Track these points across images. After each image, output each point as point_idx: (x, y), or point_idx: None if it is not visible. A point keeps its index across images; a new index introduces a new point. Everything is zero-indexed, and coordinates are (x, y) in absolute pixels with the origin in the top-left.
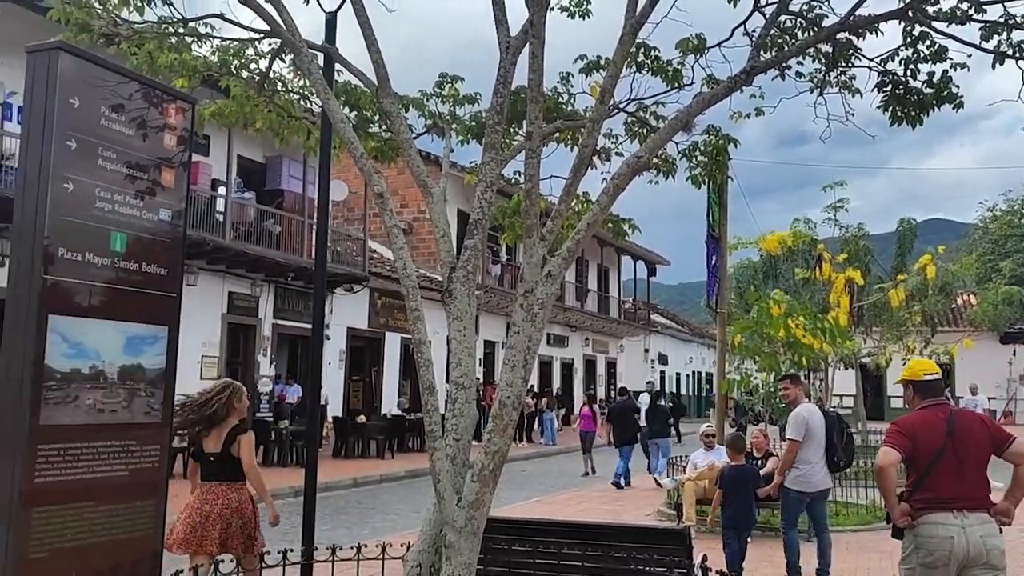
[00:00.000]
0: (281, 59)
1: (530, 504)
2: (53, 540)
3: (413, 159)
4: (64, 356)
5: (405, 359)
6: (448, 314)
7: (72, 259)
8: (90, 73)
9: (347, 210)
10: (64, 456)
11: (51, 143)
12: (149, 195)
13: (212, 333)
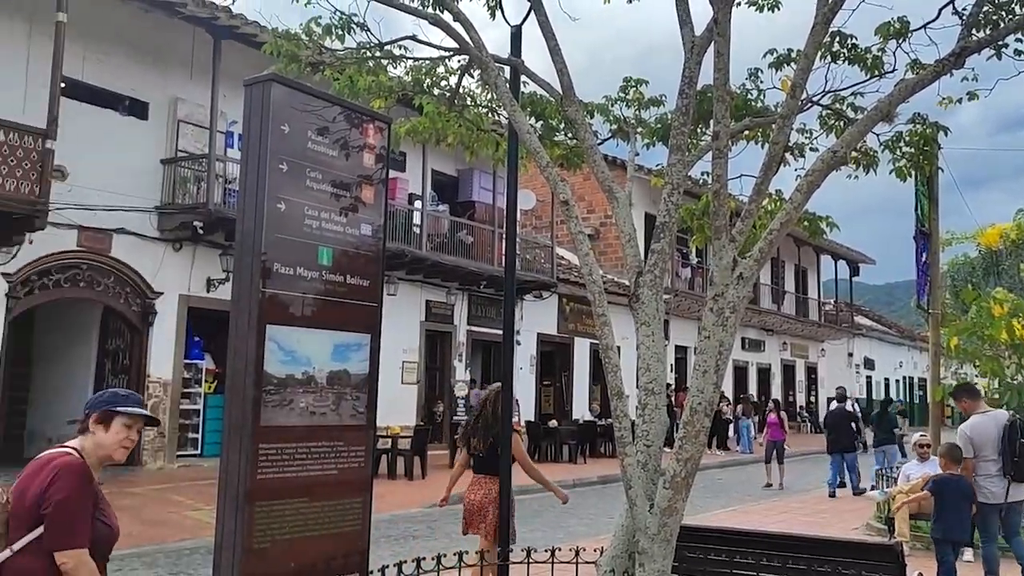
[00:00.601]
0: (470, 75)
1: (727, 513)
2: (274, 532)
3: (598, 165)
4: (280, 362)
5: (594, 364)
6: (636, 319)
7: (285, 273)
8: (298, 100)
9: (535, 218)
10: (282, 455)
11: (266, 167)
12: (352, 211)
13: (412, 340)
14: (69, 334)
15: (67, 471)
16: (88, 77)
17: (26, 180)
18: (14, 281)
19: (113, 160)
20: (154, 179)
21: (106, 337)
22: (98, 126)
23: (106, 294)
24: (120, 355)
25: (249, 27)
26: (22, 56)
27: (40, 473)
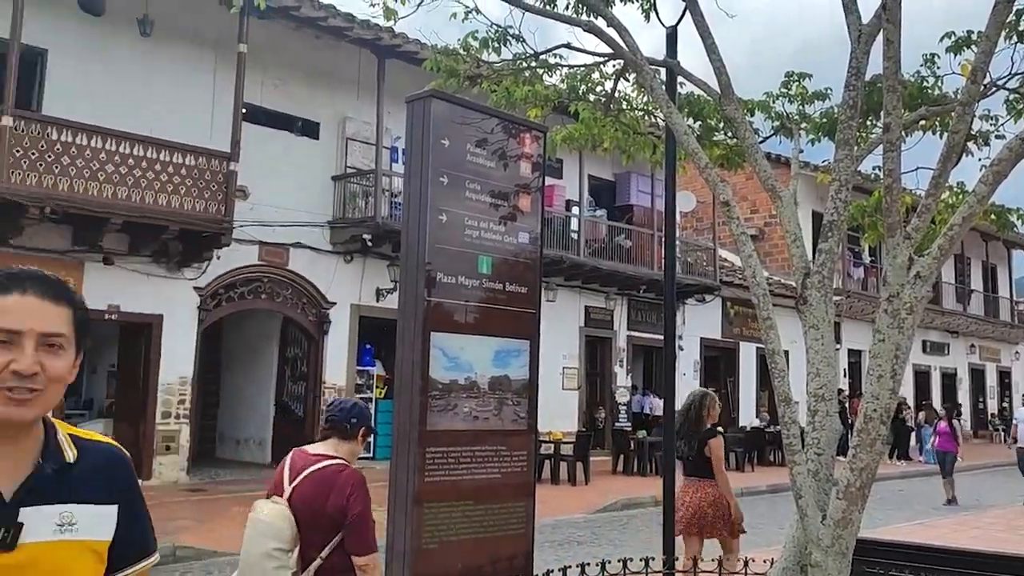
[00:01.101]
0: (625, 79)
1: (911, 527)
2: (441, 534)
3: (759, 164)
4: (444, 368)
5: (761, 369)
6: (804, 322)
7: (448, 282)
8: (457, 114)
9: (696, 220)
10: (447, 459)
11: (427, 180)
12: (509, 220)
13: (571, 345)
14: (253, 343)
15: (360, 485)
16: (265, 102)
17: (213, 200)
18: (204, 294)
19: (289, 178)
20: (326, 195)
21: (285, 345)
22: (275, 147)
23: (285, 305)
24: (298, 362)
25: (410, 45)
26: (209, 85)
27: (333, 486)
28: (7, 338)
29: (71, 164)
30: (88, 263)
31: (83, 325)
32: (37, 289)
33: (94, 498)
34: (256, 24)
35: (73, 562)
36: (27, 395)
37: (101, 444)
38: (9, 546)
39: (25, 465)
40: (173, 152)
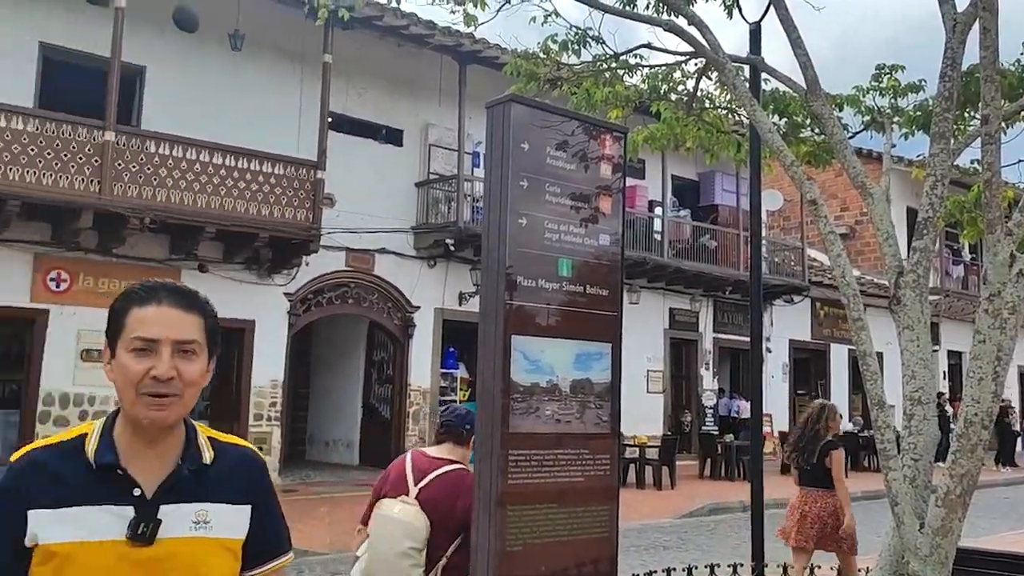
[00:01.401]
0: (707, 77)
1: (1016, 536)
2: (525, 536)
3: (849, 160)
4: (525, 371)
5: (853, 372)
6: (897, 323)
7: (528, 285)
8: (537, 118)
9: (783, 219)
10: (530, 461)
11: (507, 184)
12: (590, 222)
13: (656, 348)
14: (340, 347)
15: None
16: (350, 110)
17: (301, 208)
18: (294, 300)
19: (374, 185)
20: (409, 201)
21: (372, 349)
22: (360, 155)
23: (371, 309)
24: (384, 365)
25: (491, 50)
26: (296, 96)
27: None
28: (146, 346)
29: (168, 176)
30: (184, 271)
31: (213, 332)
32: (171, 300)
33: (229, 498)
34: (340, 35)
35: (208, 558)
36: (166, 400)
37: (237, 447)
38: (148, 540)
39: (167, 465)
40: (263, 162)
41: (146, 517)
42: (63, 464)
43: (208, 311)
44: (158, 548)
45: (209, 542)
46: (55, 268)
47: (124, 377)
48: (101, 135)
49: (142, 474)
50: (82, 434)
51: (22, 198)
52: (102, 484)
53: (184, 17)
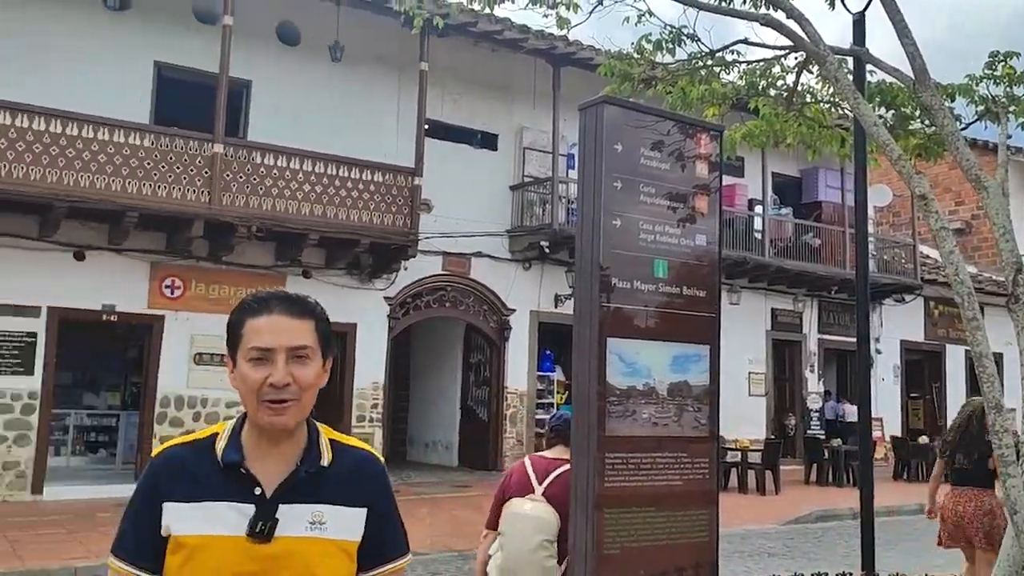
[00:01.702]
0: (808, 71)
1: None
2: (623, 540)
3: (961, 152)
4: (621, 374)
5: (970, 373)
6: (1016, 322)
7: (623, 287)
8: (630, 119)
9: (892, 215)
10: (627, 464)
11: (601, 186)
12: (686, 223)
13: (757, 350)
14: (438, 350)
15: None
16: (446, 116)
17: (400, 214)
18: (393, 304)
19: (469, 190)
20: (505, 205)
21: (469, 351)
22: (456, 160)
23: (467, 312)
24: (481, 368)
25: (584, 52)
26: (393, 104)
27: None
28: (262, 355)
29: (273, 185)
30: (289, 277)
31: (326, 334)
32: (282, 308)
33: (345, 500)
34: (436, 42)
35: (322, 558)
36: (285, 404)
37: (357, 450)
38: (266, 538)
39: (287, 466)
40: (362, 170)
41: (264, 516)
42: (196, 461)
43: (319, 315)
44: (275, 546)
45: (324, 543)
46: (170, 275)
47: (245, 386)
48: (210, 148)
49: (264, 474)
50: (214, 433)
51: (139, 210)
52: (228, 482)
53: (203, 9)
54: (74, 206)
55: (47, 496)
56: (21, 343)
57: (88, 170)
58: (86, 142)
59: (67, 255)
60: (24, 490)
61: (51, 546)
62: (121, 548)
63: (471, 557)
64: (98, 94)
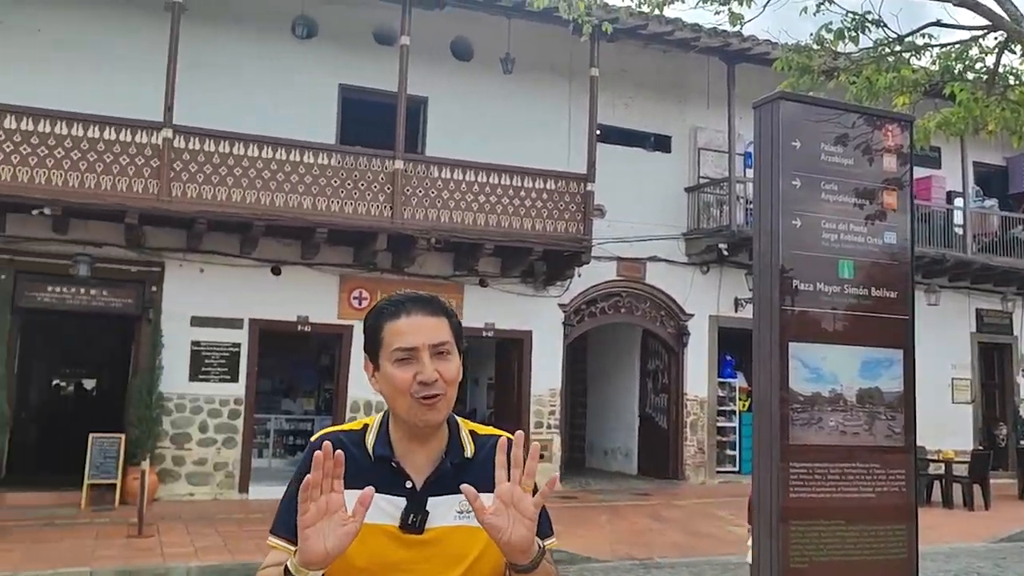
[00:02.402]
0: (1010, 51)
1: None
2: (811, 554)
3: None
4: (805, 380)
5: None
6: None
7: (805, 289)
8: (809, 114)
9: None
10: (813, 475)
11: (778, 185)
12: (874, 220)
13: (961, 354)
14: (614, 356)
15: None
16: (617, 121)
17: (572, 221)
18: (568, 310)
19: (643, 194)
20: (680, 207)
21: (646, 357)
22: (628, 164)
23: (644, 318)
24: (659, 374)
25: (760, 47)
26: (564, 111)
27: None
28: (407, 355)
29: (450, 198)
30: (467, 285)
31: (458, 330)
32: (418, 308)
33: (488, 486)
34: (605, 47)
35: (473, 544)
36: (435, 400)
37: (496, 437)
38: (419, 530)
39: (433, 460)
40: (535, 178)
41: (416, 508)
42: (353, 450)
43: (450, 312)
44: (428, 536)
45: (473, 530)
46: (357, 287)
47: (393, 387)
48: (392, 164)
49: (412, 468)
50: (365, 425)
51: (328, 226)
52: (381, 473)
53: (382, 31)
54: (271, 224)
55: (252, 495)
56: (227, 353)
57: (282, 190)
58: (279, 164)
59: (265, 270)
60: (232, 489)
61: (257, 541)
62: (279, 526)
63: (652, 566)
64: (289, 118)
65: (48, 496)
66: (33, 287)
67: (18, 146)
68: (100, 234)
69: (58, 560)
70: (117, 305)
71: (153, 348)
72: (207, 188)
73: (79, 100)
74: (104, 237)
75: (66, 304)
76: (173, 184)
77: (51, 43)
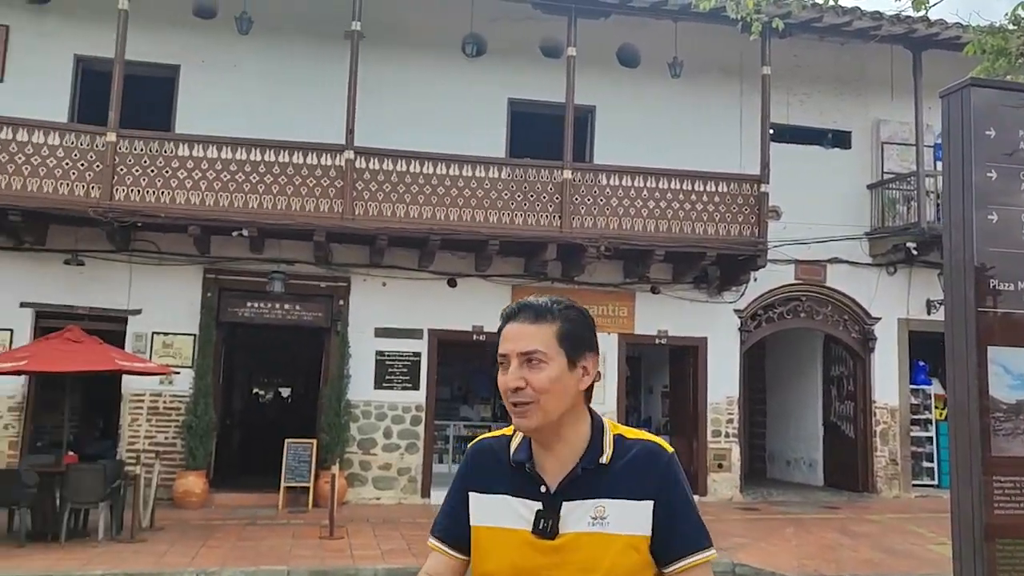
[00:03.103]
0: None
1: None
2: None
3: None
4: (1008, 387)
5: None
6: None
7: (1005, 289)
8: (1005, 100)
9: None
10: (1020, 490)
11: (971, 178)
12: None
13: None
14: (794, 362)
15: None
16: (792, 119)
17: (746, 224)
18: (743, 316)
19: (821, 193)
20: (861, 206)
21: (829, 364)
22: (804, 163)
23: (825, 322)
24: (844, 381)
25: (949, 31)
26: (735, 112)
27: None
28: (502, 361)
29: (619, 205)
30: (638, 293)
31: (568, 336)
32: (523, 316)
33: (628, 494)
34: (777, 43)
35: (607, 552)
36: (524, 407)
37: (642, 442)
38: (551, 535)
39: (567, 464)
40: (706, 182)
41: (548, 513)
42: (498, 455)
43: (564, 318)
44: (560, 541)
45: (608, 537)
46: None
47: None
48: (560, 174)
49: (547, 473)
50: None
51: (500, 238)
52: (517, 478)
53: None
54: (446, 238)
55: (433, 499)
56: (409, 362)
57: (456, 205)
58: (453, 179)
59: (442, 282)
60: (415, 493)
61: None
62: (436, 526)
63: None
64: (460, 134)
65: (250, 497)
66: (234, 303)
67: (219, 174)
68: (292, 252)
69: (259, 558)
70: (308, 318)
71: (341, 358)
72: (387, 206)
73: (269, 127)
74: (295, 255)
75: (263, 318)
76: (356, 203)
77: (244, 76)
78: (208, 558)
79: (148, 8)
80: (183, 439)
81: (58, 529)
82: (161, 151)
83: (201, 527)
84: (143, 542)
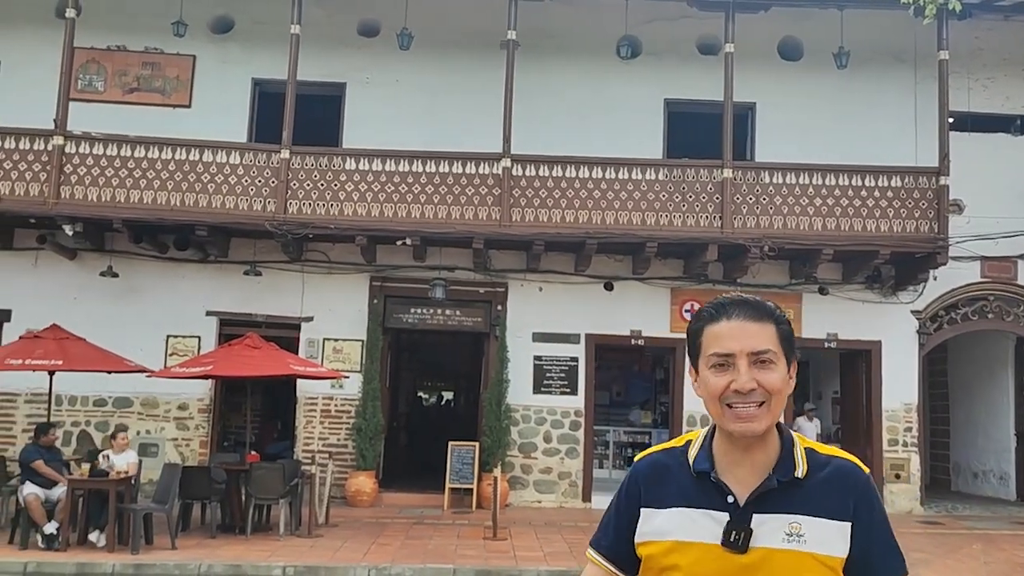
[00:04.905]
0: None
1: None
2: None
3: None
4: None
5: None
6: None
7: None
8: None
9: None
10: None
11: None
12: None
13: None
14: (982, 366)
15: None
16: (974, 106)
17: (924, 219)
18: (922, 318)
19: (1008, 184)
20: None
21: (1022, 369)
22: (989, 152)
23: (1017, 324)
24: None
25: None
26: (908, 102)
27: None
28: (723, 361)
29: (783, 203)
30: (805, 294)
31: (788, 338)
32: (742, 313)
33: (826, 513)
34: (955, 26)
35: (802, 571)
36: (751, 410)
37: (837, 459)
38: (741, 548)
39: (758, 475)
40: (877, 176)
41: (739, 525)
42: (674, 467)
43: (780, 318)
44: (751, 556)
45: (803, 556)
46: (688, 300)
47: (708, 392)
48: (720, 173)
49: (735, 483)
50: (688, 440)
51: (657, 240)
52: (700, 489)
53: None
54: (603, 242)
55: (594, 504)
56: (566, 366)
57: (612, 208)
58: (608, 182)
59: (598, 286)
60: (576, 498)
61: None
62: (598, 542)
63: None
64: (616, 136)
65: (417, 497)
66: (399, 309)
67: (384, 185)
68: (452, 259)
69: (426, 556)
70: (468, 323)
71: (500, 362)
72: (543, 211)
73: (429, 138)
74: (455, 262)
75: (426, 323)
76: (513, 209)
77: (405, 90)
78: (379, 554)
79: (317, 30)
80: (353, 440)
81: (244, 523)
82: (330, 165)
83: (371, 525)
84: (319, 537)
